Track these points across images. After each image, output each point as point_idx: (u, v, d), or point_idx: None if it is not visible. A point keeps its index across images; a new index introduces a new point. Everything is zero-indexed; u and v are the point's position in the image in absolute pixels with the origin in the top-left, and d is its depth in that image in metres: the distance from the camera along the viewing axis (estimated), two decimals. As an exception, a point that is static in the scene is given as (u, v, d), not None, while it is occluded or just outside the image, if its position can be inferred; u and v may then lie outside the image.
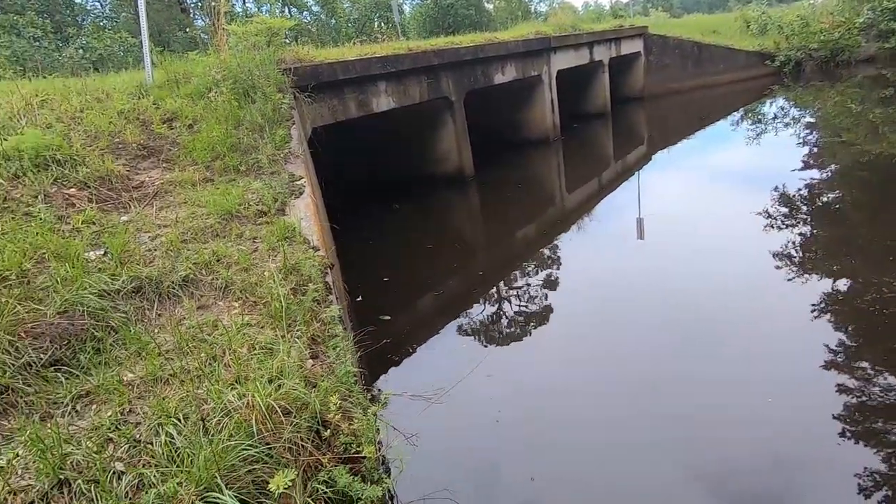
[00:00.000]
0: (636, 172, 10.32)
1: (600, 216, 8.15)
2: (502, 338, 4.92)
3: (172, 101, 5.39)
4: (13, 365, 2.37)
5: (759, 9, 20.22)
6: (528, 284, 5.88)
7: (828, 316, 4.45)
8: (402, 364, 4.45)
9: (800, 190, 7.62)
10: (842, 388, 3.54)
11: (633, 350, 4.32)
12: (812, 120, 12.71)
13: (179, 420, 2.14)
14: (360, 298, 5.43)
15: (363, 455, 2.03)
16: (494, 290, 5.92)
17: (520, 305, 5.46)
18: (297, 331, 2.60)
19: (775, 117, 13.41)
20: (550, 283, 5.86)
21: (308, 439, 2.06)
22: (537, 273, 6.20)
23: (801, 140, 11.08)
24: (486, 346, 4.76)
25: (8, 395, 2.29)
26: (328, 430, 2.01)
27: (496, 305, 5.55)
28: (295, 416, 2.04)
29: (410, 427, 2.60)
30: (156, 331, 2.82)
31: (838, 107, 12.80)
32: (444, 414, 3.26)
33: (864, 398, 3.45)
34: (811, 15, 18.03)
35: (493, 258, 7.01)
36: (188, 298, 3.04)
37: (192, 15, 22.16)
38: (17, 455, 1.90)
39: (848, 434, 3.19)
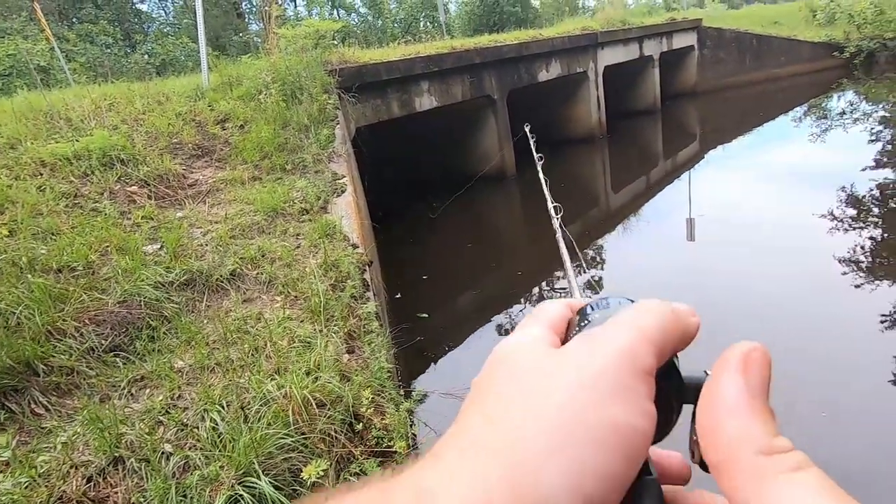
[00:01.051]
0: (687, 171, 9.91)
1: (648, 216, 7.89)
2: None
3: (225, 103, 5.65)
4: (78, 349, 2.57)
5: (828, -4, 18.91)
6: (565, 288, 5.78)
7: (897, 327, 4.12)
8: (439, 362, 4.48)
9: (871, 191, 7.08)
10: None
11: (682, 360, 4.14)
12: (886, 115, 11.77)
13: (223, 407, 2.25)
14: (398, 296, 5.50)
15: (395, 450, 2.07)
16: (535, 289, 5.86)
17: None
18: (335, 326, 2.67)
19: (843, 113, 12.52)
20: (593, 285, 5.73)
21: (341, 431, 2.12)
22: (580, 274, 6.08)
23: (872, 136, 10.28)
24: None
25: (73, 376, 2.48)
26: (361, 424, 2.06)
27: (535, 306, 5.48)
28: (329, 409, 2.10)
29: (444, 425, 2.62)
30: (204, 321, 2.98)
31: (916, 100, 11.80)
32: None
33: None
34: (886, 1, 16.68)
35: (532, 258, 6.93)
36: (235, 292, 3.19)
37: (247, 20, 23.14)
38: (78, 433, 2.06)
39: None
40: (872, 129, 10.84)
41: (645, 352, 0.27)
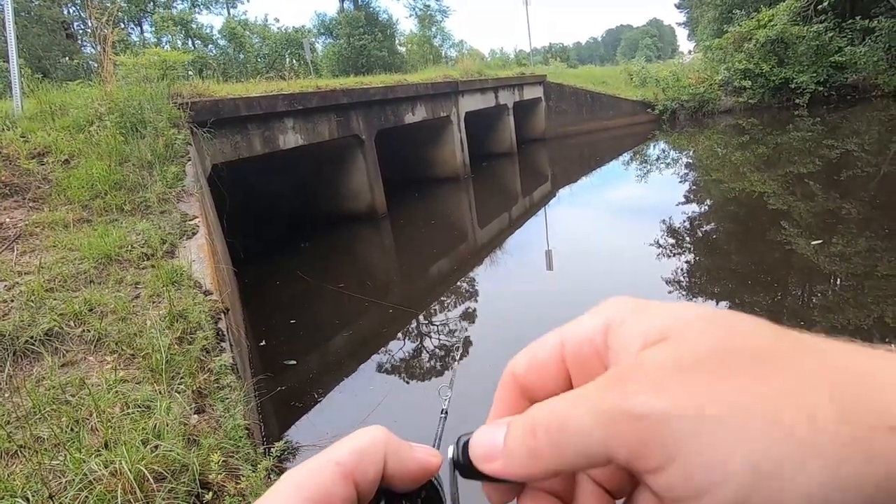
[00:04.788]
0: (543, 207, 10.93)
1: (512, 250, 8.46)
2: (416, 375, 4.84)
3: (45, 135, 4.88)
4: None
5: (640, 64, 22.90)
6: (442, 320, 5.90)
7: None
8: (308, 410, 4.20)
9: (683, 222, 8.48)
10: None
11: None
12: (689, 160, 14.37)
13: (26, 500, 1.83)
14: (262, 343, 5.11)
15: (253, 518, 1.85)
16: (406, 327, 5.86)
17: (432, 342, 5.44)
18: (181, 384, 2.36)
19: (658, 158, 15.00)
20: (467, 316, 5.91)
21: (187, 506, 1.85)
22: (452, 308, 6.25)
23: (680, 178, 12.45)
24: (393, 387, 4.64)
25: None
26: (210, 493, 1.82)
27: (407, 343, 5.48)
28: (171, 481, 1.82)
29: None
30: (6, 395, 2.43)
31: (707, 150, 14.63)
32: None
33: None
34: (681, 71, 20.69)
35: (405, 295, 6.97)
36: (51, 355, 2.67)
37: (79, 42, 20.50)
38: None
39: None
40: (680, 172, 13.15)
41: (321, 474, 0.27)
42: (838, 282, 5.60)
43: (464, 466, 0.28)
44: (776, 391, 0.20)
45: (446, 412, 0.60)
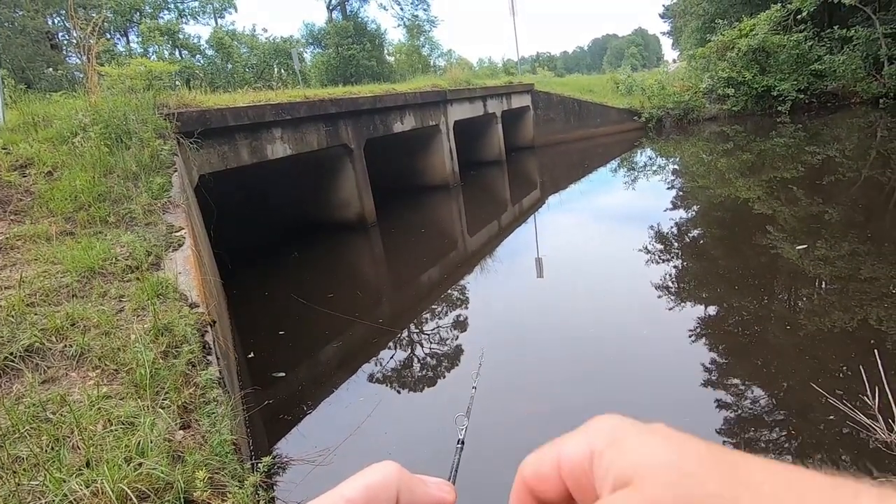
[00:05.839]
0: (532, 215, 10.98)
1: (502, 257, 8.45)
2: (406, 385, 4.80)
3: (28, 146, 4.81)
4: None
5: (626, 72, 23.24)
6: (432, 330, 5.87)
7: (703, 339, 4.90)
8: (298, 423, 4.14)
9: (671, 228, 8.56)
10: (720, 404, 3.87)
11: (540, 398, 4.30)
12: (675, 167, 14.54)
13: (3, 523, 1.77)
14: (251, 355, 5.04)
15: (240, 536, 1.81)
16: (396, 338, 5.81)
17: (423, 352, 5.40)
18: (166, 399, 2.31)
19: (645, 165, 15.17)
20: (459, 325, 5.89)
21: (172, 526, 1.80)
22: (442, 317, 6.22)
23: (668, 184, 12.59)
24: (383, 397, 4.59)
25: None
26: (196, 512, 1.77)
27: (397, 354, 5.44)
28: (155, 500, 1.78)
29: (300, 493, 2.39)
30: (-17, 414, 2.36)
31: (693, 157, 14.82)
32: (338, 476, 3.04)
33: (738, 411, 3.79)
34: (666, 79, 21.01)
35: (396, 305, 6.93)
36: (31, 371, 2.61)
37: (64, 52, 20.32)
38: None
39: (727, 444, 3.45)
40: (667, 178, 13.30)
41: None
42: (823, 285, 5.67)
43: None
44: None
45: (463, 442, 0.56)
